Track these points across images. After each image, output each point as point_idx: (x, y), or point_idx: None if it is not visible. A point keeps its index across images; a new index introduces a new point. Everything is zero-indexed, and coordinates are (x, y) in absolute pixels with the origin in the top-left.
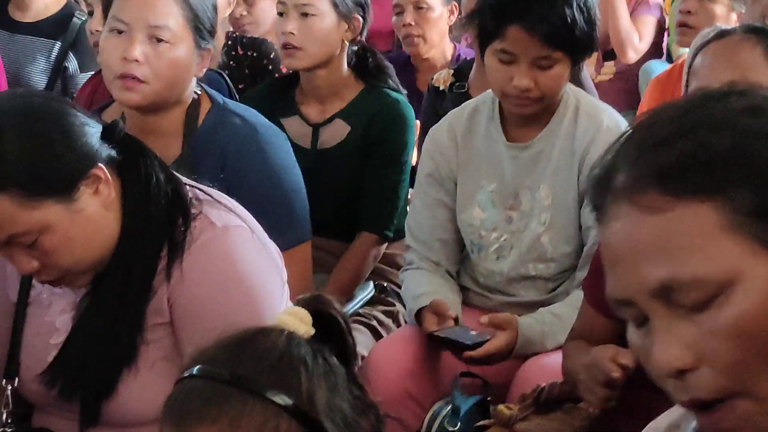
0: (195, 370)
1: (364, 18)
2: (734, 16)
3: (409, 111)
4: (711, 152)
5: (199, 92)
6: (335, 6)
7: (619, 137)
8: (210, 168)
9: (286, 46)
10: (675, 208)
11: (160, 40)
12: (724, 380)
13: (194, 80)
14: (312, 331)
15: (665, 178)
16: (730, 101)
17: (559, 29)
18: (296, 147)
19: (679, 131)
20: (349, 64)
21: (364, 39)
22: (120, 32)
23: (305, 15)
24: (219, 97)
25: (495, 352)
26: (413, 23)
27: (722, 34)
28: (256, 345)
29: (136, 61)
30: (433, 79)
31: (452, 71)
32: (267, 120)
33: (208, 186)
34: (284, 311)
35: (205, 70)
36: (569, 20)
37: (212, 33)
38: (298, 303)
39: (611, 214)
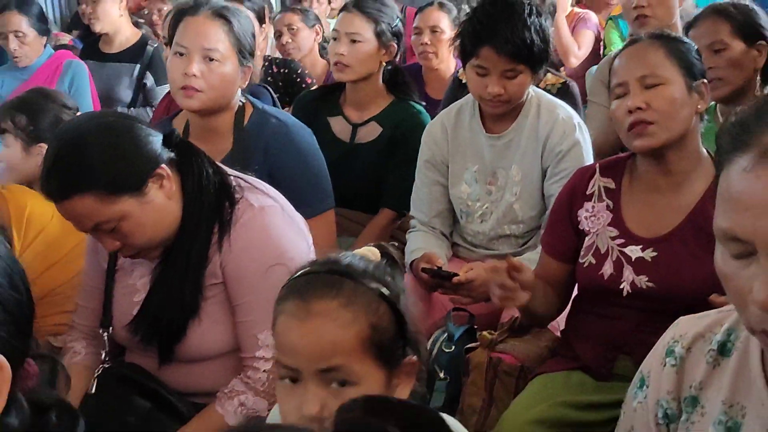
0: (312, 266)
1: (398, 45)
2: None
3: (427, 119)
4: None
5: (244, 100)
6: (377, 35)
7: (764, 100)
8: (255, 157)
9: (336, 63)
10: None
11: (211, 59)
12: None
13: (239, 91)
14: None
15: None
16: None
17: (520, 49)
18: (338, 141)
19: None
20: (383, 79)
21: (398, 60)
22: (181, 54)
23: (354, 41)
24: (259, 104)
25: (474, 278)
26: (429, 42)
27: (634, 41)
28: (353, 259)
29: (194, 75)
30: (459, 74)
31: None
32: (296, 119)
33: (253, 172)
34: (363, 248)
35: (246, 82)
36: (528, 41)
37: (252, 54)
38: (369, 246)
39: (756, 167)
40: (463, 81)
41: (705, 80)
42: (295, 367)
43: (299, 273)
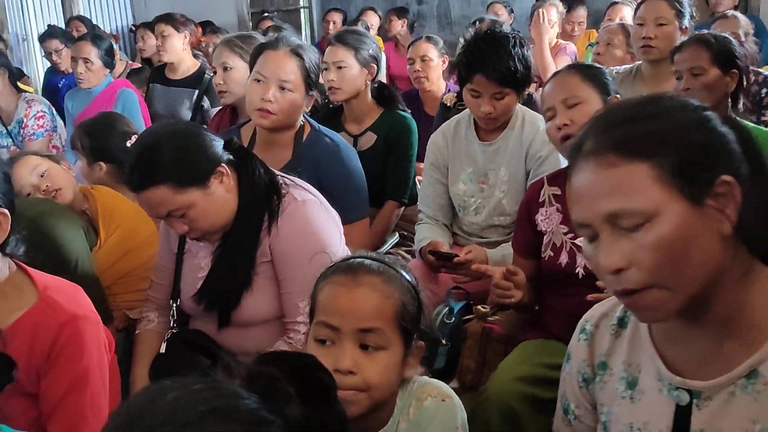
0: (357, 255)
1: (377, 65)
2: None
3: (413, 123)
4: (649, 132)
5: (303, 121)
6: (358, 60)
7: (588, 120)
8: (309, 168)
9: (330, 88)
10: (624, 165)
11: (284, 88)
12: (645, 277)
13: (303, 114)
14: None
15: (620, 145)
16: (663, 100)
17: (506, 75)
18: None
19: (630, 117)
20: (372, 95)
21: (384, 80)
22: (259, 81)
23: (340, 68)
24: (315, 124)
25: (472, 258)
26: (420, 69)
27: (557, 73)
28: (389, 256)
29: (269, 101)
30: (444, 99)
31: (455, 94)
32: (345, 141)
33: (306, 180)
34: None
35: (309, 108)
36: (513, 69)
37: (316, 85)
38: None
39: (581, 167)
40: (447, 104)
41: (617, 95)
42: (338, 326)
43: (345, 259)
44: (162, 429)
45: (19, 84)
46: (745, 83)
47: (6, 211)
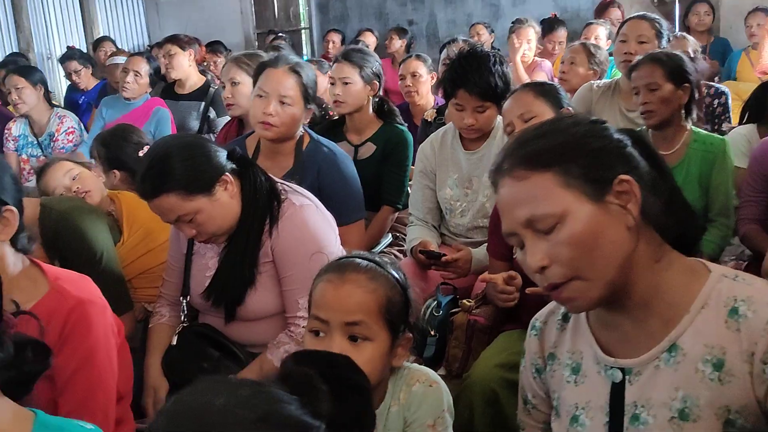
0: (349, 255)
1: (379, 82)
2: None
3: (409, 136)
4: (550, 145)
5: (303, 131)
6: (362, 78)
7: (505, 144)
8: (310, 175)
9: (335, 101)
10: (532, 177)
11: (284, 103)
12: (566, 271)
13: (302, 126)
14: None
15: (526, 160)
16: (563, 119)
17: (486, 90)
18: None
19: (534, 136)
20: (373, 109)
21: (383, 95)
22: (262, 96)
23: (345, 83)
24: (314, 135)
25: (459, 257)
26: (411, 84)
27: (515, 91)
28: (380, 256)
29: (271, 114)
30: (425, 115)
31: (435, 110)
32: (342, 150)
33: (306, 187)
34: None
35: (308, 120)
36: (493, 85)
37: (314, 99)
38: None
39: (501, 184)
40: (429, 120)
41: (570, 107)
42: (327, 319)
43: (338, 259)
44: None
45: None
46: (697, 96)
47: (13, 208)
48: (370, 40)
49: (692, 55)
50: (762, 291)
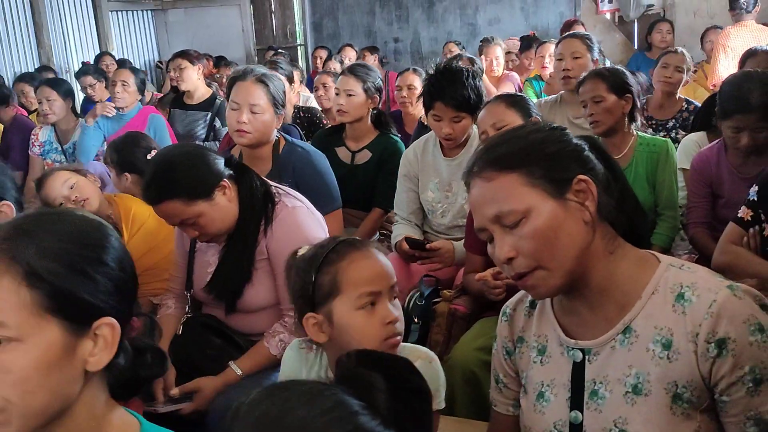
0: (339, 239)
1: (380, 97)
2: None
3: (402, 146)
4: (514, 149)
5: (278, 135)
6: (365, 90)
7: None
8: (287, 174)
9: (339, 111)
10: (499, 177)
11: (255, 112)
12: (529, 261)
13: (275, 130)
14: None
15: (494, 162)
16: (526, 127)
17: (461, 103)
18: (342, 163)
19: (501, 141)
20: (371, 120)
21: (379, 106)
22: (234, 108)
23: (349, 95)
24: (289, 138)
25: (440, 246)
26: (406, 95)
27: (488, 102)
28: None
29: (244, 122)
30: (421, 118)
31: None
32: (314, 147)
33: (286, 185)
34: None
35: (280, 125)
36: (467, 97)
37: (283, 105)
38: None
39: (472, 185)
40: (425, 123)
41: (538, 116)
42: (379, 290)
43: (335, 243)
44: None
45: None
46: (638, 105)
47: (10, 203)
48: (350, 54)
49: (690, 67)
50: (704, 278)
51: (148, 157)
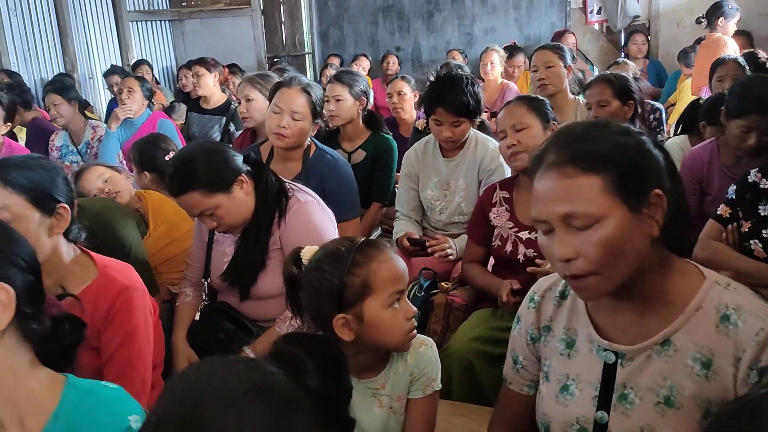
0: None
1: (367, 99)
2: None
3: (394, 143)
4: (598, 151)
5: (310, 141)
6: (352, 95)
7: (547, 138)
8: (315, 178)
9: (330, 116)
10: (579, 177)
11: (295, 118)
12: (589, 266)
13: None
14: None
15: (577, 159)
16: (610, 126)
17: (461, 108)
18: None
19: (582, 138)
20: (363, 121)
21: (372, 108)
22: (276, 112)
23: (338, 100)
24: (320, 144)
25: (439, 239)
26: (397, 102)
27: (509, 103)
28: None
29: (284, 127)
30: (416, 124)
31: (425, 120)
32: (342, 157)
33: (313, 188)
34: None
35: (315, 132)
36: (466, 103)
37: (321, 114)
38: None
39: (544, 174)
40: (419, 129)
41: (556, 122)
42: (403, 288)
43: (356, 245)
44: (213, 405)
45: (85, 112)
46: (640, 111)
47: (66, 205)
48: (364, 63)
49: (634, 77)
50: (751, 302)
51: (167, 158)
